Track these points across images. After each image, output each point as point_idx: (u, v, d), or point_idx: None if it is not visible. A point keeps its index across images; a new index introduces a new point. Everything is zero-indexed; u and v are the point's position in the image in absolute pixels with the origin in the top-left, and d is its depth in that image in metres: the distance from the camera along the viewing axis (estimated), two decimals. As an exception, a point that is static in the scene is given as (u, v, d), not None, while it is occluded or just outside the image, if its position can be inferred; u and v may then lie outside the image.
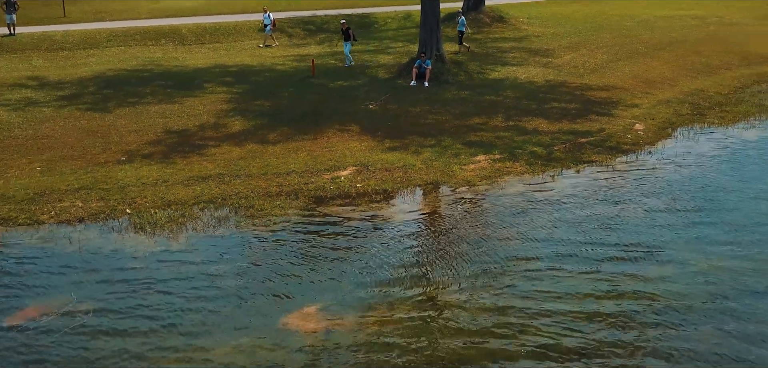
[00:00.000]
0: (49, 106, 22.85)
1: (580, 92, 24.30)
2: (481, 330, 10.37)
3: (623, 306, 10.94)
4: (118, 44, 31.90)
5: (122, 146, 19.11)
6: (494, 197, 15.67)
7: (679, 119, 21.91)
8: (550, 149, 18.68)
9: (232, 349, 9.90)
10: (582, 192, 15.78)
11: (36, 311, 11.10)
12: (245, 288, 11.66)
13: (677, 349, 9.80)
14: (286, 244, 13.35)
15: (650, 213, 14.57)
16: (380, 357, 9.70)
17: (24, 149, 18.99)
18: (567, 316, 10.65)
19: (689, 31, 36.44)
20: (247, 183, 16.40)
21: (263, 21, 32.54)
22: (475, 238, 13.58)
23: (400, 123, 20.84)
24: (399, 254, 12.87)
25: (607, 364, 9.46)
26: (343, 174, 16.91)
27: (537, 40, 33.02)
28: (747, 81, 27.18)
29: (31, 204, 15.40)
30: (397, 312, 10.89)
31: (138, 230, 14.11)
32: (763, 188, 15.81)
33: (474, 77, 25.95)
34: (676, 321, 10.56)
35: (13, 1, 31.94)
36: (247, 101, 23.20)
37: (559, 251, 12.87)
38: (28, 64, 28.80)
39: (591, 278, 11.89)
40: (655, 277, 11.85)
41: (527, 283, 11.73)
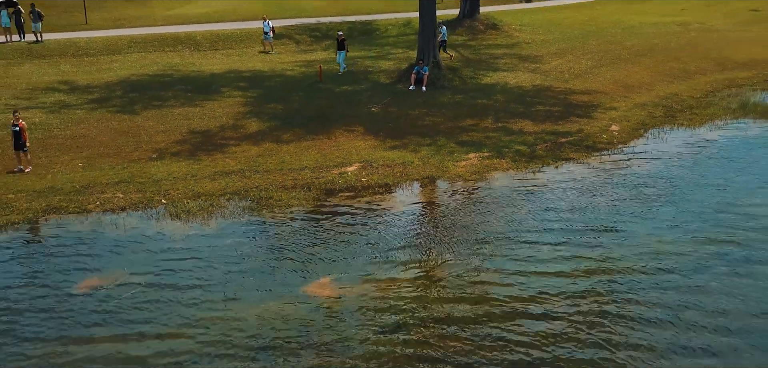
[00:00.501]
0: (82, 108, 24.99)
1: (564, 95, 26.44)
2: (467, 291, 12.52)
3: (582, 271, 13.08)
4: (138, 50, 34.04)
5: (152, 144, 21.27)
6: (482, 190, 17.83)
7: (652, 120, 24.05)
8: (533, 147, 20.83)
9: (264, 309, 12.06)
10: (558, 185, 17.93)
11: (97, 281, 13.25)
12: (270, 264, 13.81)
13: (624, 304, 11.93)
14: (302, 228, 15.51)
15: (616, 201, 16.72)
16: (382, 315, 11.84)
17: (64, 147, 21.13)
18: (536, 277, 12.78)
19: (671, 37, 38.50)
20: (266, 177, 18.55)
21: (263, 28, 34.54)
22: (463, 223, 15.74)
23: (400, 124, 22.99)
24: (398, 236, 15.02)
25: (567, 311, 11.58)
26: (350, 170, 19.06)
27: (527, 46, 35.14)
28: (719, 86, 29.27)
29: (78, 195, 17.55)
30: (397, 281, 13.03)
31: (174, 217, 16.26)
32: (717, 182, 17.93)
33: (467, 82, 28.10)
34: (624, 282, 12.71)
35: (38, 11, 34.06)
36: (261, 105, 25.34)
37: (534, 231, 15.02)
38: (57, 70, 30.92)
39: (557, 249, 14.06)
40: (612, 250, 13.99)
41: (505, 255, 13.89)
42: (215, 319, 11.78)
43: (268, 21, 34.65)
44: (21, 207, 16.87)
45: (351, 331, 11.33)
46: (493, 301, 12.26)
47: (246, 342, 11.07)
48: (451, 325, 11.57)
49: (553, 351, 10.74)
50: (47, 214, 16.56)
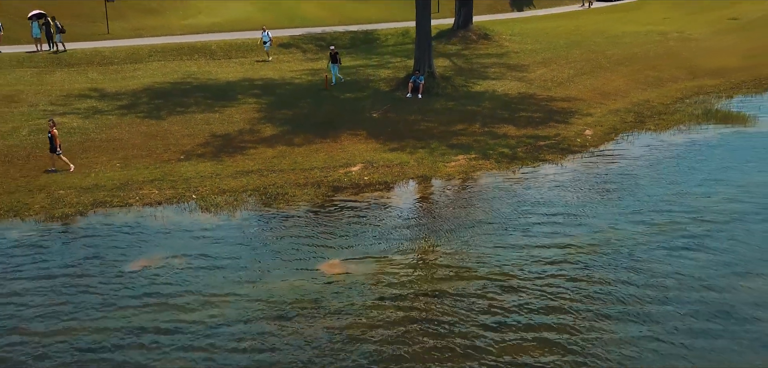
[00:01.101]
0: (113, 114, 27.56)
1: (546, 103, 29.00)
2: (452, 267, 15.08)
3: (548, 252, 15.63)
4: (158, 59, 36.59)
5: (179, 147, 23.84)
6: (468, 187, 20.41)
7: (623, 125, 26.60)
8: (514, 150, 23.40)
9: (285, 283, 14.62)
10: (533, 183, 20.49)
11: (145, 262, 15.81)
12: (289, 247, 16.37)
13: (580, 277, 14.48)
14: (315, 219, 18.08)
15: (581, 195, 19.29)
16: (381, 286, 14.41)
17: (101, 149, 23.71)
18: (509, 256, 15.34)
19: (650, 46, 41.04)
20: (281, 176, 21.12)
21: (262, 39, 36.94)
22: (450, 214, 18.32)
23: (398, 129, 25.56)
24: (395, 225, 17.58)
25: (533, 281, 14.12)
26: (354, 169, 21.63)
27: (515, 56, 37.68)
28: (688, 93, 31.82)
29: (119, 191, 20.13)
30: (394, 260, 15.60)
31: (204, 210, 18.83)
32: (672, 179, 20.47)
33: (459, 90, 30.66)
34: (582, 260, 15.27)
35: (59, 24, 36.45)
36: (273, 111, 27.91)
37: (509, 219, 17.59)
38: (86, 77, 33.48)
39: (528, 234, 16.61)
40: (573, 235, 16.55)
41: (485, 238, 16.45)
42: (247, 290, 14.35)
43: (267, 31, 37.06)
44: (72, 201, 19.45)
45: (356, 299, 13.90)
46: (473, 274, 14.82)
47: (273, 308, 13.63)
48: (439, 294, 14.13)
49: (520, 312, 13.29)
50: (95, 207, 19.13)
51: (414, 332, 12.79)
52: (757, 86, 33.25)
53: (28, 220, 18.42)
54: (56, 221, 18.31)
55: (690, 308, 13.56)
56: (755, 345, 12.31)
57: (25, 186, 20.60)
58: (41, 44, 37.22)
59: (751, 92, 32.33)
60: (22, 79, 32.76)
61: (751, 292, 14.07)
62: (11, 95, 30.24)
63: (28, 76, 33.36)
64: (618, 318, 13.17)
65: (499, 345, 12.30)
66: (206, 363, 11.93)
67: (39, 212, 18.81)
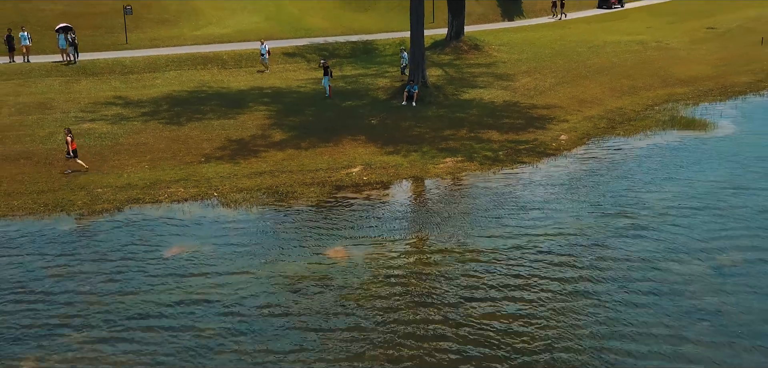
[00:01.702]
0: (137, 120, 30.29)
1: (527, 110, 31.74)
2: (439, 251, 17.82)
3: (518, 238, 18.36)
4: (174, 68, 39.32)
5: (199, 150, 26.58)
6: (453, 185, 23.16)
7: (595, 130, 29.34)
8: (497, 153, 26.15)
9: (298, 264, 17.38)
10: (510, 182, 23.24)
11: (178, 249, 18.55)
12: (300, 237, 19.12)
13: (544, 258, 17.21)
14: (321, 213, 20.83)
15: (551, 191, 22.05)
16: (379, 268, 17.15)
17: (130, 152, 26.44)
18: (485, 242, 18.08)
19: (629, 55, 43.76)
20: (290, 176, 23.86)
21: (260, 51, 39.60)
22: (437, 208, 21.08)
23: (394, 134, 28.30)
24: (390, 218, 20.33)
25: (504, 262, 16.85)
26: (354, 170, 24.38)
27: (503, 65, 40.38)
28: (659, 100, 34.55)
29: (149, 190, 22.86)
30: (392, 247, 18.35)
31: (225, 205, 21.58)
32: (631, 177, 23.20)
33: (450, 98, 33.41)
34: (547, 244, 18.02)
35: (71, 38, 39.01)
36: (282, 117, 30.64)
37: (487, 212, 20.33)
38: (109, 86, 36.21)
39: (501, 223, 19.35)
40: (540, 224, 19.29)
41: (466, 228, 19.19)
42: (266, 270, 17.10)
43: (265, 44, 39.70)
44: (109, 198, 22.19)
45: (357, 279, 16.65)
46: (454, 255, 17.56)
47: (289, 283, 16.38)
48: (426, 271, 16.88)
49: (492, 283, 16.03)
50: (130, 203, 21.86)
51: (407, 300, 15.55)
52: (722, 94, 35.98)
53: (74, 214, 21.15)
54: (98, 215, 21.05)
55: (633, 283, 16.30)
56: (680, 313, 15.04)
57: (66, 185, 23.33)
58: (66, 55, 39.90)
59: (717, 99, 35.05)
60: (52, 87, 35.50)
61: (685, 271, 16.82)
62: (44, 102, 32.98)
63: (56, 85, 36.09)
64: (571, 289, 15.92)
65: (475, 308, 15.06)
66: (237, 324, 14.70)
67: (82, 208, 21.54)
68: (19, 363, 13.75)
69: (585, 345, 13.84)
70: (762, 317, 14.80)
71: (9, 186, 23.22)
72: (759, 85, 37.73)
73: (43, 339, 14.46)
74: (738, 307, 15.18)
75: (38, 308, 15.64)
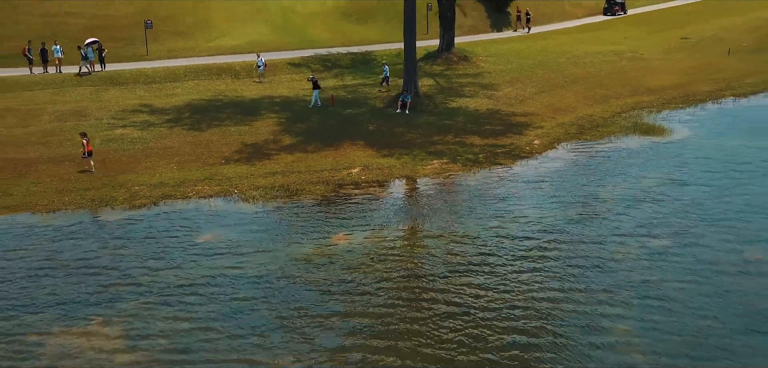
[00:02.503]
0: (163, 126, 33.90)
1: (507, 117, 35.36)
2: (426, 235, 21.45)
3: (489, 223, 21.97)
4: (192, 78, 42.93)
5: (220, 153, 30.19)
6: (438, 184, 26.79)
7: (566, 135, 32.93)
8: (477, 156, 29.76)
9: (308, 247, 21.01)
10: (489, 181, 26.87)
11: (209, 236, 22.15)
12: (309, 225, 22.75)
13: (509, 242, 20.80)
14: (326, 207, 24.46)
15: (522, 189, 25.66)
16: (376, 251, 20.77)
17: (159, 155, 30.04)
18: (462, 228, 21.69)
19: (604, 65, 47.32)
20: (299, 176, 27.46)
21: (257, 63, 43.12)
22: (424, 202, 24.71)
23: (389, 139, 31.90)
24: (386, 210, 23.95)
25: (476, 243, 20.45)
26: (354, 171, 27.98)
27: (488, 76, 43.96)
28: (626, 108, 38.11)
29: (179, 187, 26.48)
30: (386, 233, 21.96)
31: (244, 201, 25.19)
32: (588, 175, 26.80)
33: (439, 106, 37.02)
34: (511, 228, 21.62)
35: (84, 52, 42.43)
36: (290, 124, 34.25)
37: (464, 204, 23.95)
38: (135, 95, 39.83)
39: (476, 214, 22.96)
40: (507, 214, 22.90)
41: (446, 216, 22.82)
42: (283, 252, 20.73)
43: (261, 57, 43.24)
44: (145, 195, 25.81)
45: (357, 257, 20.27)
46: (437, 238, 21.19)
47: (302, 260, 20.02)
48: (415, 251, 20.51)
49: (466, 260, 19.66)
50: (163, 199, 25.47)
51: (400, 271, 19.20)
52: (684, 102, 39.56)
53: (117, 209, 24.77)
54: (138, 208, 24.68)
55: (581, 258, 19.91)
56: (616, 280, 18.62)
57: (108, 183, 26.95)
58: (93, 66, 43.48)
59: (678, 107, 38.63)
60: (84, 96, 39.14)
61: (623, 250, 20.41)
62: (79, 110, 36.61)
63: (88, 93, 39.73)
64: (532, 263, 19.55)
65: (455, 277, 18.70)
66: (265, 289, 18.37)
67: (123, 203, 25.16)
68: (90, 321, 17.37)
69: (541, 306, 17.46)
70: (681, 285, 18.39)
71: (58, 184, 26.85)
72: (718, 94, 41.24)
73: (106, 303, 18.11)
74: (662, 277, 18.78)
75: (100, 279, 19.30)
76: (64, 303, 18.16)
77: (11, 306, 18.08)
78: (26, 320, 17.44)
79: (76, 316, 17.59)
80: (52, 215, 24.23)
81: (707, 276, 18.88)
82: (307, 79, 38.24)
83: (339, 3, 60.40)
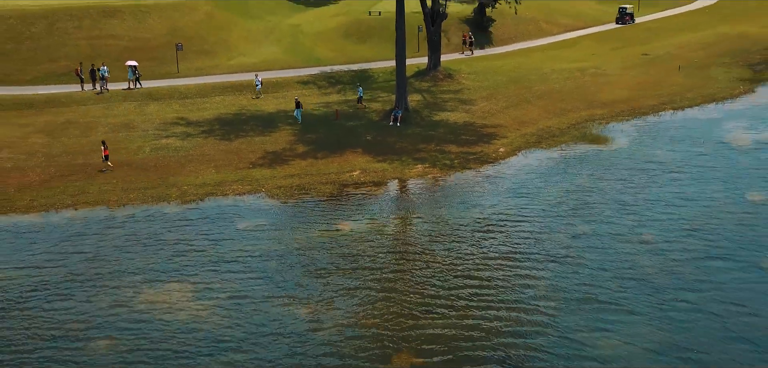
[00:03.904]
0: (199, 137, 40.44)
1: (480, 128, 41.92)
2: (411, 222, 28.05)
3: (458, 212, 28.53)
4: (218, 94, 49.43)
5: (247, 160, 36.75)
6: (422, 183, 33.42)
7: (526, 144, 39.48)
8: (453, 161, 36.34)
9: (320, 231, 27.62)
10: (460, 180, 33.45)
11: (246, 224, 28.75)
12: (320, 215, 29.36)
13: (469, 224, 27.37)
14: (334, 202, 31.06)
15: (486, 187, 32.26)
16: (376, 236, 27.35)
17: (199, 161, 36.58)
18: (439, 214, 28.27)
19: (568, 81, 53.69)
20: (311, 178, 34.03)
21: (255, 82, 49.59)
22: (409, 197, 31.36)
23: (383, 148, 38.45)
24: (381, 204, 30.55)
25: (452, 226, 26.99)
26: (355, 173, 34.56)
27: (468, 92, 50.39)
28: (581, 120, 44.57)
29: (219, 187, 33.06)
30: (381, 220, 28.56)
31: (270, 198, 31.80)
32: (538, 176, 33.36)
33: (425, 120, 43.59)
34: (473, 215, 28.22)
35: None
36: (302, 135, 40.80)
37: (441, 198, 30.55)
38: (172, 109, 46.35)
39: (449, 205, 29.56)
40: (472, 205, 29.48)
41: (426, 207, 29.43)
42: (301, 236, 27.35)
43: (259, 76, 49.69)
44: (193, 193, 32.39)
45: (358, 246, 26.85)
46: (420, 222, 27.78)
47: (314, 242, 26.62)
48: (405, 231, 27.11)
49: (445, 239, 26.26)
50: (207, 196, 32.06)
51: (394, 246, 25.83)
52: (630, 115, 45.97)
53: (172, 203, 31.34)
54: (189, 203, 31.30)
55: (518, 234, 26.51)
56: (542, 255, 25.22)
57: (161, 184, 33.52)
58: (132, 83, 49.97)
59: (624, 119, 45.04)
60: (129, 110, 45.67)
61: (552, 234, 26.99)
62: (127, 123, 43.15)
63: (132, 108, 46.26)
64: (488, 238, 26.16)
65: (436, 249, 25.33)
66: (290, 259, 25.02)
67: (176, 199, 31.74)
68: (167, 283, 23.98)
69: (491, 264, 24.13)
70: (594, 264, 24.98)
71: (123, 184, 33.44)
72: (660, 108, 47.65)
73: (178, 269, 24.74)
74: (576, 243, 25.40)
75: (170, 252, 25.92)
76: (145, 269, 24.81)
77: (109, 273, 24.74)
78: (124, 281, 24.10)
79: (155, 278, 24.22)
80: (123, 208, 30.87)
81: (607, 243, 25.73)
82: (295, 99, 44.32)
83: (341, 23, 66.90)
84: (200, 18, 62.60)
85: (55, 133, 40.81)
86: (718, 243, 26.22)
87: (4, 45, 54.75)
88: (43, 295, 23.36)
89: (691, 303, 22.15)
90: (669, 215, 28.91)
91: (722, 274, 23.98)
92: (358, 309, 22.15)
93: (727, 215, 28.80)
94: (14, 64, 52.77)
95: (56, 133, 40.80)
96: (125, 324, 21.70)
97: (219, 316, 21.96)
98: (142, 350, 20.32)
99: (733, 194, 31.07)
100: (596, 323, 21.27)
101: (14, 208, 31.04)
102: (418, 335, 20.73)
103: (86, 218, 29.86)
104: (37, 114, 44.73)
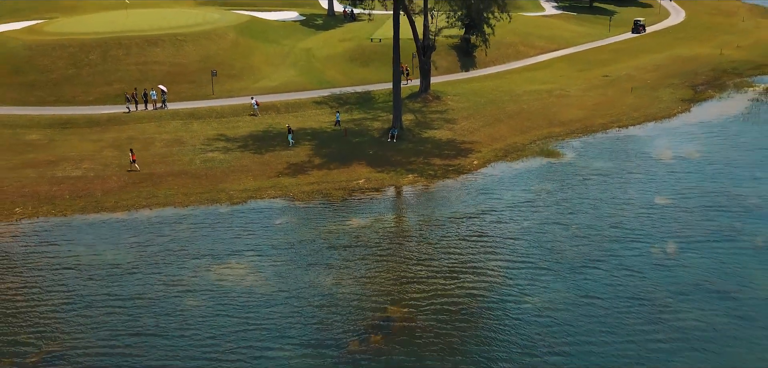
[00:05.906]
0: (237, 151, 49.21)
1: (460, 144, 50.70)
2: (404, 219, 36.88)
3: (440, 212, 37.32)
4: (247, 113, 58.22)
5: (276, 169, 45.56)
6: (411, 190, 42.30)
7: (495, 158, 48.24)
8: (436, 171, 45.17)
9: (331, 227, 36.50)
10: (441, 187, 42.29)
11: (281, 219, 37.61)
12: (334, 214, 38.22)
13: (451, 221, 36.19)
14: (343, 204, 39.94)
15: (458, 192, 41.06)
16: (380, 230, 36.18)
17: (240, 171, 45.37)
18: (426, 214, 37.07)
19: (535, 102, 62.29)
20: (325, 185, 42.86)
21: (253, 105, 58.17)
22: (402, 199, 40.23)
23: (382, 161, 47.23)
24: (382, 205, 39.40)
25: (438, 222, 35.78)
26: (360, 181, 43.40)
27: (452, 112, 59.03)
28: (541, 137, 53.24)
29: (257, 192, 41.92)
30: (382, 218, 37.39)
31: (296, 200, 40.69)
32: (502, 184, 42.14)
33: (415, 137, 52.36)
34: (451, 213, 37.09)
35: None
36: (318, 149, 49.58)
37: (426, 200, 39.38)
38: (211, 127, 55.12)
39: (434, 206, 38.37)
40: (450, 207, 38.28)
41: (416, 207, 38.27)
42: (320, 229, 36.22)
43: (255, 99, 58.29)
44: (238, 197, 41.23)
45: (365, 230, 35.69)
46: (411, 217, 36.61)
47: (329, 235, 35.48)
48: (402, 225, 35.95)
49: (431, 230, 35.12)
50: (249, 199, 40.89)
51: (394, 236, 34.69)
52: (582, 132, 54.63)
53: (223, 205, 40.17)
54: (236, 204, 40.23)
55: (483, 225, 35.36)
56: (509, 244, 34.08)
57: (212, 189, 42.34)
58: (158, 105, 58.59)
59: (577, 136, 53.72)
60: (178, 128, 54.47)
61: (515, 228, 35.83)
62: (177, 138, 51.93)
63: (179, 126, 55.05)
64: (465, 232, 35.01)
65: (426, 239, 34.22)
66: (316, 248, 33.89)
67: (226, 201, 40.58)
68: (227, 261, 32.85)
69: (464, 243, 32.97)
70: (535, 242, 33.81)
71: (183, 189, 42.28)
72: (609, 126, 56.30)
73: (228, 255, 33.61)
74: (526, 237, 34.26)
75: (230, 240, 34.80)
76: (212, 251, 33.70)
77: (186, 253, 33.64)
78: (198, 259, 32.98)
79: (219, 259, 33.11)
80: (187, 208, 39.71)
81: (548, 229, 34.79)
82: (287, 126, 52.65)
83: (347, 48, 75.60)
84: (228, 45, 71.43)
85: (122, 147, 49.58)
86: (624, 231, 35.10)
87: (67, 70, 63.67)
88: (142, 266, 32.27)
89: (597, 269, 31.13)
90: (595, 209, 37.83)
91: (621, 252, 32.92)
92: (367, 273, 31.07)
93: (637, 212, 37.66)
94: (78, 87, 61.62)
95: (123, 147, 49.57)
96: (203, 289, 30.55)
97: (269, 284, 30.82)
98: (220, 305, 29.18)
99: (645, 196, 39.93)
100: (533, 278, 30.38)
101: (104, 208, 39.87)
102: (411, 289, 29.63)
103: (160, 215, 38.70)
104: (104, 131, 53.56)
